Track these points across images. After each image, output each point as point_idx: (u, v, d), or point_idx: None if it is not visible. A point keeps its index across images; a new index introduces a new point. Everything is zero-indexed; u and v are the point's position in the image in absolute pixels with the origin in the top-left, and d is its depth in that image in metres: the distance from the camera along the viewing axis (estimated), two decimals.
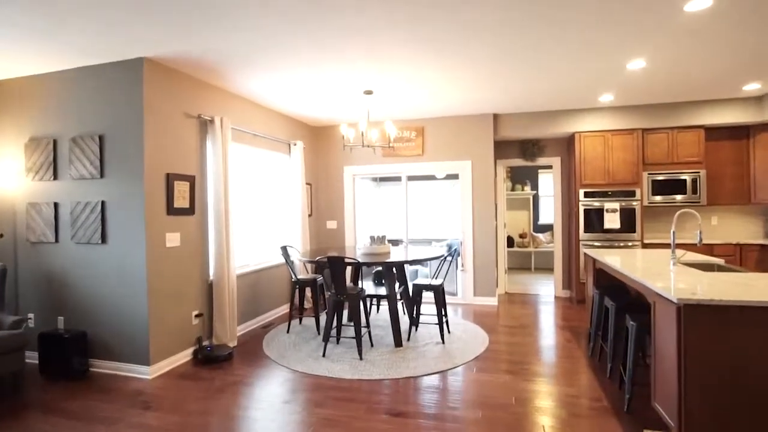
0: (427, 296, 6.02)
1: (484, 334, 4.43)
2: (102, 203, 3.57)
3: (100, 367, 3.62)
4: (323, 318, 5.09)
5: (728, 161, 5.50)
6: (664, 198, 5.46)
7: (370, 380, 3.35)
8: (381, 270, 4.73)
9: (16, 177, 3.89)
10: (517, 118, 5.82)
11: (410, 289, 4.97)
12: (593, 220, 5.59)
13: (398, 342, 4.08)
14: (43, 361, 3.50)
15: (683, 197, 5.41)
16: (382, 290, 4.44)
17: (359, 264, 3.85)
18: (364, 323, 4.70)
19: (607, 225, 5.53)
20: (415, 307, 4.44)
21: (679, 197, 5.42)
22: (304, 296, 5.28)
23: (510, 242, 8.72)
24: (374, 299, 5.53)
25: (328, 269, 3.82)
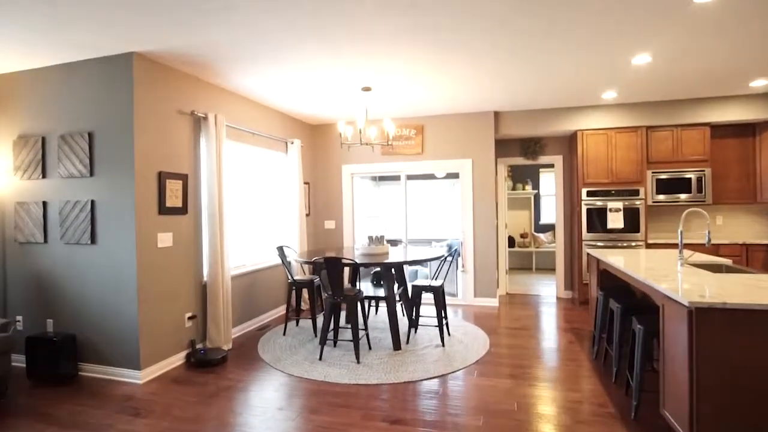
0: (427, 297, 5.91)
1: (484, 337, 4.33)
2: (91, 202, 3.47)
3: (89, 372, 3.51)
4: (320, 320, 4.98)
5: (734, 159, 5.39)
6: (668, 197, 5.35)
7: (367, 385, 3.24)
8: (379, 271, 4.63)
9: (4, 176, 3.78)
10: (519, 115, 5.71)
11: (409, 290, 4.86)
12: (596, 219, 5.48)
13: (397, 345, 3.97)
14: (31, 364, 3.40)
15: (688, 196, 5.30)
16: (381, 291, 4.33)
17: (356, 265, 3.75)
18: (361, 325, 4.59)
19: (610, 225, 5.42)
20: (414, 309, 4.33)
21: (683, 196, 5.31)
22: (301, 298, 5.17)
23: (511, 242, 8.63)
24: (372, 301, 5.43)
25: (325, 270, 3.71)
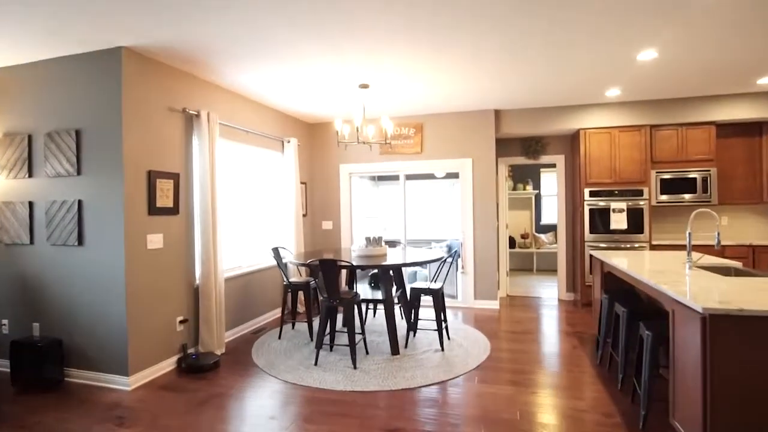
0: (426, 300, 5.79)
1: (485, 341, 4.21)
2: (79, 202, 3.35)
3: (76, 377, 3.39)
4: (317, 323, 4.86)
5: (739, 159, 5.27)
6: (672, 197, 5.23)
7: (364, 392, 3.12)
8: (377, 273, 4.51)
9: None
10: (520, 114, 5.60)
11: (408, 292, 4.74)
12: (599, 220, 5.36)
13: (395, 349, 3.85)
14: (16, 370, 3.28)
15: (692, 196, 5.18)
16: (379, 294, 4.21)
17: (353, 267, 3.63)
18: (359, 329, 4.48)
19: (613, 225, 5.30)
20: (413, 312, 4.21)
21: (688, 196, 5.20)
22: (297, 300, 5.05)
23: (512, 243, 8.50)
24: (370, 304, 5.31)
25: (321, 272, 3.59)
